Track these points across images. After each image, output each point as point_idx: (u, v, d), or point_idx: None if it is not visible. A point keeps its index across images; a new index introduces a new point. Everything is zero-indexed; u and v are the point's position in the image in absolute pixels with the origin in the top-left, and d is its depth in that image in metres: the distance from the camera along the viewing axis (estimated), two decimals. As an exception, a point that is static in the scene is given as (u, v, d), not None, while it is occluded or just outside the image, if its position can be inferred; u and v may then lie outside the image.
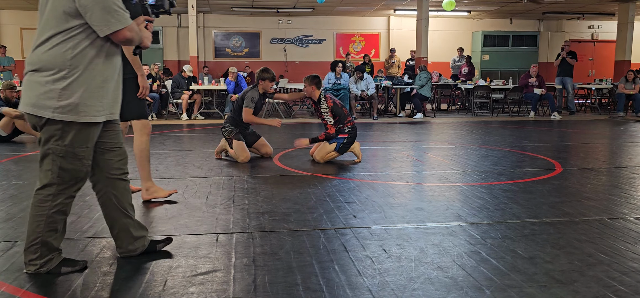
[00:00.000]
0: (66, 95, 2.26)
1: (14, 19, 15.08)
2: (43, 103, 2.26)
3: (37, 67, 2.27)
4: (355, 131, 5.63)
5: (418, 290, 2.31)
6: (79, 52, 2.27)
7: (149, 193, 3.85)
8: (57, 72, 2.24)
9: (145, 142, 3.86)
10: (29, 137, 7.29)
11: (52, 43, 2.25)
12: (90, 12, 2.23)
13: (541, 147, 6.77)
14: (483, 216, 3.50)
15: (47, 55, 2.25)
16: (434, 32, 15.29)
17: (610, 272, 2.52)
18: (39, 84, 2.26)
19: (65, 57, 2.25)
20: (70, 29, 2.25)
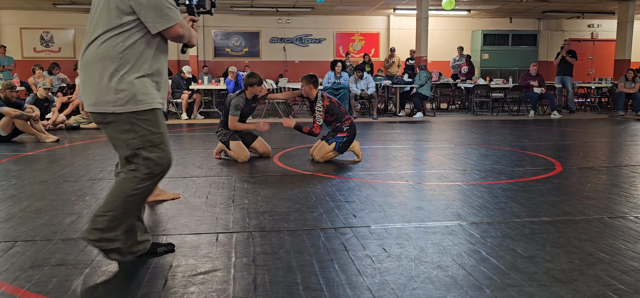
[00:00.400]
0: (122, 86, 2.31)
1: (14, 19, 15.08)
2: (103, 99, 2.31)
3: (92, 65, 2.32)
4: (354, 129, 5.62)
5: (418, 289, 2.32)
6: (130, 45, 2.32)
7: (153, 196, 3.86)
8: (110, 66, 2.29)
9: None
10: (29, 137, 7.29)
11: (103, 39, 2.30)
12: (144, 9, 2.29)
13: (541, 146, 6.77)
14: (483, 215, 3.50)
15: (100, 51, 2.30)
16: (433, 31, 15.29)
17: (610, 270, 2.53)
18: (95, 82, 2.31)
19: (117, 50, 2.30)
20: (122, 25, 2.31)
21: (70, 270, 2.52)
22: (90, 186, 4.38)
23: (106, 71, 2.30)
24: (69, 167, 5.27)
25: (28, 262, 2.62)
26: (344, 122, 5.58)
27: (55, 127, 8.48)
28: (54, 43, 15.42)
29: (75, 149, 6.59)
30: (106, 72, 2.30)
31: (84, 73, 2.37)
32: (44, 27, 15.29)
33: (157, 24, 2.32)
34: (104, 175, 4.81)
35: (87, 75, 2.35)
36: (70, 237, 3.01)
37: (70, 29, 15.40)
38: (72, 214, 3.50)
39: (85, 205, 3.73)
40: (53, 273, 2.48)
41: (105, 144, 7.00)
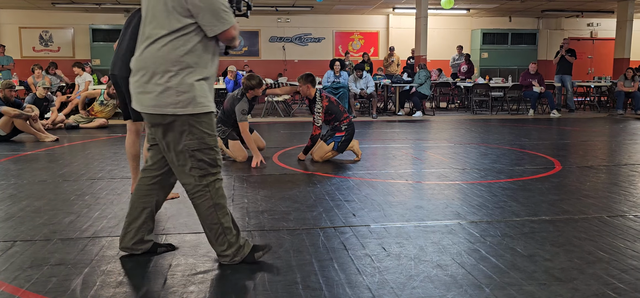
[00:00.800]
0: (183, 88, 2.35)
1: (13, 18, 15.06)
2: (164, 101, 2.34)
3: (151, 67, 2.35)
4: (352, 128, 5.61)
5: (417, 288, 2.32)
6: (190, 49, 2.36)
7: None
8: (172, 69, 2.33)
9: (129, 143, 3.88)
10: (28, 136, 7.29)
11: (163, 42, 2.34)
12: (201, 12, 2.32)
13: (540, 145, 6.77)
14: (482, 214, 3.50)
15: (161, 54, 2.33)
16: (433, 30, 15.29)
17: (610, 269, 2.53)
18: (156, 85, 2.34)
19: (178, 54, 2.34)
20: (181, 28, 2.34)
21: (69, 269, 2.52)
22: (89, 185, 4.37)
23: (168, 74, 2.34)
24: (68, 166, 5.27)
25: (27, 262, 2.62)
26: (342, 121, 5.57)
27: (55, 127, 8.48)
28: (53, 42, 15.40)
29: (74, 148, 6.58)
30: (168, 75, 2.34)
31: (141, 75, 2.39)
32: (43, 27, 15.28)
33: (214, 27, 2.35)
34: (103, 175, 4.81)
35: (145, 76, 2.37)
36: (70, 237, 3.01)
37: (70, 28, 15.39)
38: (72, 214, 3.50)
39: (84, 205, 3.73)
40: (52, 273, 2.48)
41: (105, 143, 7.00)
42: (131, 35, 3.82)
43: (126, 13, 15.26)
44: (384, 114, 11.74)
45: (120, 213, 3.52)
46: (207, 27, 2.35)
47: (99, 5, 14.31)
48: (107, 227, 3.21)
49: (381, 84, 11.80)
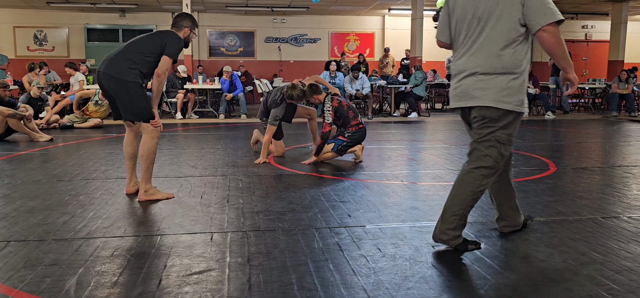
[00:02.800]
0: (519, 92, 2.67)
1: (7, 17, 15.00)
2: (505, 99, 2.65)
3: (502, 70, 2.65)
4: (359, 134, 5.53)
5: (413, 289, 2.32)
6: (523, 56, 2.69)
7: (147, 195, 3.86)
8: (514, 73, 2.65)
9: (154, 145, 3.88)
10: (23, 136, 7.25)
11: (511, 50, 2.64)
12: (531, 9, 2.56)
13: (535, 147, 6.80)
14: (477, 215, 3.51)
15: (511, 60, 2.64)
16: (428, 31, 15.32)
17: (604, 270, 2.54)
18: (501, 83, 2.65)
19: (518, 60, 2.66)
20: (518, 37, 2.65)
21: (63, 270, 2.51)
22: (84, 186, 4.36)
23: (512, 77, 2.66)
24: (63, 166, 5.25)
25: (21, 262, 2.61)
26: (348, 128, 5.52)
27: (49, 126, 8.44)
28: (48, 42, 15.34)
29: (69, 148, 6.55)
30: (511, 77, 2.66)
31: (492, 76, 2.66)
32: (38, 26, 15.22)
33: (541, 19, 2.54)
34: (98, 175, 4.79)
35: (492, 77, 2.66)
36: (64, 237, 3.00)
37: (64, 27, 15.33)
38: (66, 214, 3.48)
39: (78, 205, 3.72)
40: (46, 273, 2.47)
41: (99, 143, 6.97)
42: (130, 43, 3.85)
43: (121, 13, 15.24)
44: (380, 115, 11.75)
45: (115, 213, 3.50)
46: (533, 21, 2.57)
47: (94, 5, 14.27)
48: (101, 227, 3.20)
49: (377, 85, 11.82)
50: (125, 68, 3.74)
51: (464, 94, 2.76)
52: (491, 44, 2.67)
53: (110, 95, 3.85)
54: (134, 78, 3.74)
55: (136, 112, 3.80)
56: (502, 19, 2.64)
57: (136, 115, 3.81)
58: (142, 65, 3.79)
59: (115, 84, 3.75)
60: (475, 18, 2.73)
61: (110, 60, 3.80)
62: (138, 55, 3.79)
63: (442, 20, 3.01)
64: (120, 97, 3.77)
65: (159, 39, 3.87)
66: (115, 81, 3.74)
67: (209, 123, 9.92)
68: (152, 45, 3.84)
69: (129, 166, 4.05)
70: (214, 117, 10.89)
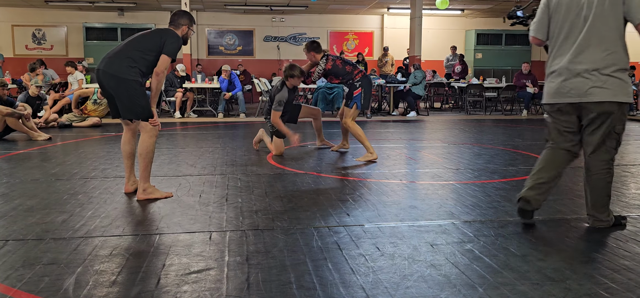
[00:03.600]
0: (629, 84, 3.03)
1: (6, 16, 14.97)
2: (622, 93, 2.97)
3: (617, 67, 2.97)
4: (367, 80, 5.71)
5: (411, 288, 2.32)
6: (626, 53, 3.00)
7: (146, 194, 3.86)
8: (625, 68, 3.00)
9: (152, 144, 3.88)
10: (21, 135, 7.24)
11: (621, 47, 2.97)
12: (631, 4, 2.91)
13: (534, 145, 6.80)
14: (476, 214, 3.51)
15: (622, 56, 2.98)
16: (427, 30, 15.32)
17: (602, 269, 2.54)
18: (618, 79, 2.97)
19: (626, 55, 3.01)
20: (623, 34, 3.00)
21: (62, 269, 2.51)
22: (82, 185, 4.35)
23: (623, 72, 2.97)
24: (61, 165, 5.24)
25: (19, 261, 2.61)
26: (355, 78, 5.66)
27: (47, 125, 8.43)
28: (46, 40, 15.32)
29: (67, 147, 6.55)
30: (624, 74, 2.98)
31: (619, 72, 2.97)
32: (36, 25, 15.19)
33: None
34: (96, 174, 4.78)
35: (620, 74, 2.96)
36: (62, 236, 3.00)
37: (63, 26, 15.31)
38: (64, 213, 3.48)
39: (77, 204, 3.71)
40: (44, 272, 2.46)
41: (98, 142, 6.97)
42: (130, 42, 3.85)
43: (120, 11, 15.21)
44: (378, 114, 11.75)
45: (114, 212, 3.50)
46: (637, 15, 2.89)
47: (92, 4, 14.25)
48: (100, 226, 3.19)
49: (375, 84, 11.82)
50: (125, 66, 3.73)
51: (580, 91, 2.99)
52: (603, 42, 2.94)
53: (110, 94, 3.84)
54: (134, 76, 3.74)
55: (135, 111, 3.80)
56: (609, 19, 2.92)
57: (135, 114, 3.81)
58: (142, 63, 3.79)
59: (115, 82, 3.74)
60: (581, 18, 2.98)
61: (110, 58, 3.80)
62: (138, 53, 3.78)
63: (540, 20, 3.21)
64: (119, 95, 3.77)
65: (158, 37, 3.87)
66: (115, 79, 3.73)
67: (208, 122, 9.92)
68: (152, 43, 3.84)
69: (127, 165, 4.05)
70: (213, 116, 10.88)
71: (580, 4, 3.00)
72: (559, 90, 3.08)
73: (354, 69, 5.72)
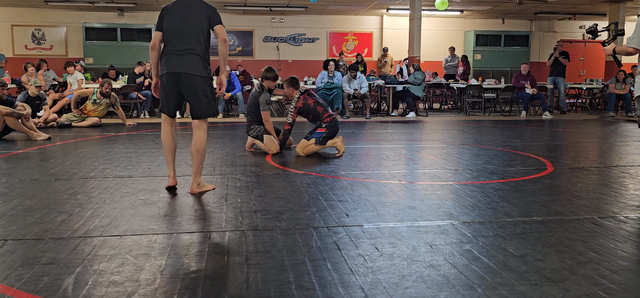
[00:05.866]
0: None
1: (5, 16, 14.95)
2: None
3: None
4: (333, 124, 5.93)
5: (410, 288, 2.32)
6: None
7: (200, 188, 4.08)
8: None
9: (206, 140, 4.12)
10: (20, 134, 7.24)
11: None
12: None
13: (532, 146, 6.81)
14: (475, 214, 3.51)
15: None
16: (426, 31, 15.32)
17: (601, 270, 2.55)
18: None
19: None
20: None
21: (61, 269, 2.51)
22: (81, 184, 4.35)
23: None
24: (61, 165, 5.24)
25: (18, 261, 2.61)
26: (323, 120, 5.91)
27: (47, 125, 8.43)
28: (46, 40, 15.31)
29: (66, 147, 6.55)
30: None
31: None
32: (36, 25, 15.18)
33: None
34: (96, 174, 4.78)
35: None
36: (61, 236, 3.00)
37: (62, 26, 15.30)
38: (64, 213, 3.48)
39: (76, 204, 3.71)
40: (44, 272, 2.47)
41: (97, 142, 6.97)
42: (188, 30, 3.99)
43: (120, 11, 15.21)
44: (378, 114, 11.76)
45: (113, 212, 3.50)
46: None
47: (92, 4, 14.24)
48: (99, 226, 3.19)
49: (375, 85, 11.83)
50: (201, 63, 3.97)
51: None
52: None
53: (180, 92, 3.98)
54: (206, 73, 4.00)
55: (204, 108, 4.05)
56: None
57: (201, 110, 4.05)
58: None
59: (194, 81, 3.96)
60: None
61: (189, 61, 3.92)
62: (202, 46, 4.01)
63: (637, 31, 4.25)
64: (197, 93, 3.98)
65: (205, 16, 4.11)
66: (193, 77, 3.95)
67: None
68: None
69: (171, 159, 4.18)
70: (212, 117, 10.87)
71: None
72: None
73: (325, 111, 5.97)
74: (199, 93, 3.94)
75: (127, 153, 5.93)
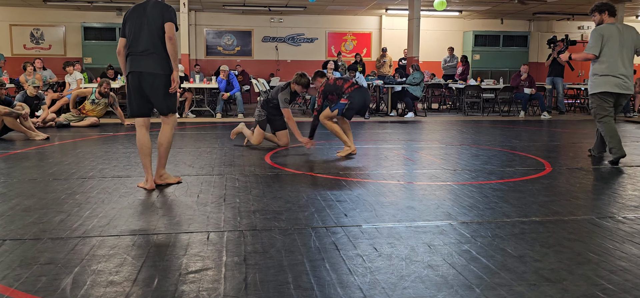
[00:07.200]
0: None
1: (4, 15, 14.94)
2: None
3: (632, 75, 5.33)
4: (358, 95, 5.83)
5: (408, 288, 2.32)
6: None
7: (162, 179, 4.32)
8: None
9: (172, 135, 4.30)
10: (19, 134, 7.23)
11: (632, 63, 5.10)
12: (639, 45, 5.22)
13: (531, 147, 6.82)
14: (473, 215, 3.52)
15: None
16: (425, 31, 15.33)
17: (599, 270, 2.55)
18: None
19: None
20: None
21: (59, 269, 2.51)
22: (80, 184, 4.35)
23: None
24: (59, 165, 5.24)
25: (16, 261, 2.60)
26: (344, 91, 5.85)
27: (45, 125, 8.42)
28: (45, 40, 15.29)
29: (65, 146, 6.54)
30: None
31: (631, 78, 5.42)
32: (35, 24, 15.16)
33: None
34: (94, 174, 4.78)
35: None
36: (60, 236, 2.99)
37: (61, 26, 15.29)
38: (62, 213, 3.48)
39: (75, 204, 3.71)
40: (42, 272, 2.46)
41: (96, 142, 6.96)
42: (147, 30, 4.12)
43: (118, 11, 15.19)
44: (376, 114, 11.76)
45: (111, 212, 3.50)
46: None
47: (91, 3, 14.23)
48: (97, 226, 3.19)
49: (374, 85, 11.83)
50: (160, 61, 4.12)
51: (627, 87, 5.47)
52: (630, 60, 5.48)
53: (144, 93, 4.16)
54: (167, 71, 4.13)
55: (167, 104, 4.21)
56: (631, 47, 5.48)
57: (165, 106, 4.21)
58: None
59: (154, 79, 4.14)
60: (620, 44, 5.42)
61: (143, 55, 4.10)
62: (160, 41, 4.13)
63: (595, 42, 5.47)
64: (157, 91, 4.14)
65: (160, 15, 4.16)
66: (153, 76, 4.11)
67: (206, 122, 9.91)
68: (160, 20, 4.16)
69: (148, 162, 4.27)
70: (211, 116, 10.88)
71: (619, 35, 5.47)
72: (616, 83, 5.46)
73: (346, 82, 5.94)
74: (160, 90, 4.12)
75: (125, 153, 5.93)
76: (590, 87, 5.63)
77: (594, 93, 5.59)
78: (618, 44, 5.38)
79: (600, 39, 5.43)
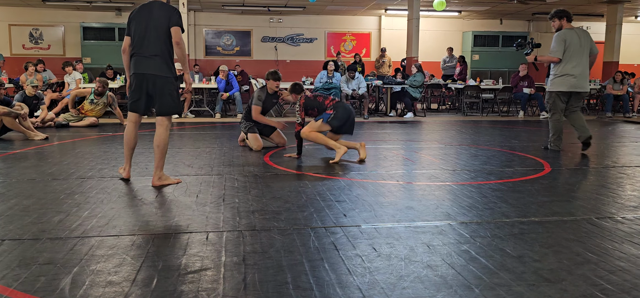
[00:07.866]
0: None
1: (3, 15, 14.92)
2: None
3: (588, 75, 5.82)
4: (340, 106, 5.68)
5: (408, 288, 2.32)
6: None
7: (161, 181, 4.31)
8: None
9: (168, 136, 4.33)
10: (18, 134, 7.23)
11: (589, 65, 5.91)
12: (592, 50, 5.64)
13: (530, 147, 6.82)
14: (472, 215, 3.52)
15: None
16: (424, 32, 15.34)
17: (598, 270, 2.55)
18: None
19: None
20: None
21: (58, 269, 2.51)
22: (79, 184, 4.34)
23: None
24: (58, 165, 5.23)
25: (15, 261, 2.60)
26: (326, 106, 5.73)
27: (44, 125, 8.41)
28: (44, 40, 15.28)
29: (64, 146, 6.54)
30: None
31: (587, 77, 6.11)
32: (33, 24, 15.15)
33: (594, 49, 5.99)
34: (93, 174, 4.78)
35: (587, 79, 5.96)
36: (59, 236, 2.99)
37: (60, 26, 15.28)
38: (61, 212, 3.47)
39: (74, 204, 3.71)
40: (41, 272, 2.46)
41: (95, 142, 6.96)
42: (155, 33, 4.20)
43: (117, 11, 15.19)
44: (376, 114, 11.76)
45: (110, 212, 3.50)
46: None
47: (90, 3, 14.22)
48: (96, 226, 3.19)
49: (373, 85, 11.83)
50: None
51: (581, 86, 6.16)
52: (586, 62, 6.16)
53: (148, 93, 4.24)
54: (171, 74, 4.25)
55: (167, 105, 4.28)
56: (587, 51, 6.14)
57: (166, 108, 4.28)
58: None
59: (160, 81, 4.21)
60: (580, 46, 6.09)
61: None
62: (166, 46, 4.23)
63: (559, 45, 6.13)
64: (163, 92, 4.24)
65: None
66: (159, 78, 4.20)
67: (205, 122, 9.91)
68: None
69: (130, 155, 4.44)
70: (210, 116, 10.88)
71: (578, 39, 6.10)
72: (573, 83, 6.12)
73: (326, 98, 5.81)
74: (164, 91, 4.20)
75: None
76: (549, 85, 6.40)
77: (551, 91, 6.33)
78: (578, 48, 6.09)
79: (563, 43, 6.11)
